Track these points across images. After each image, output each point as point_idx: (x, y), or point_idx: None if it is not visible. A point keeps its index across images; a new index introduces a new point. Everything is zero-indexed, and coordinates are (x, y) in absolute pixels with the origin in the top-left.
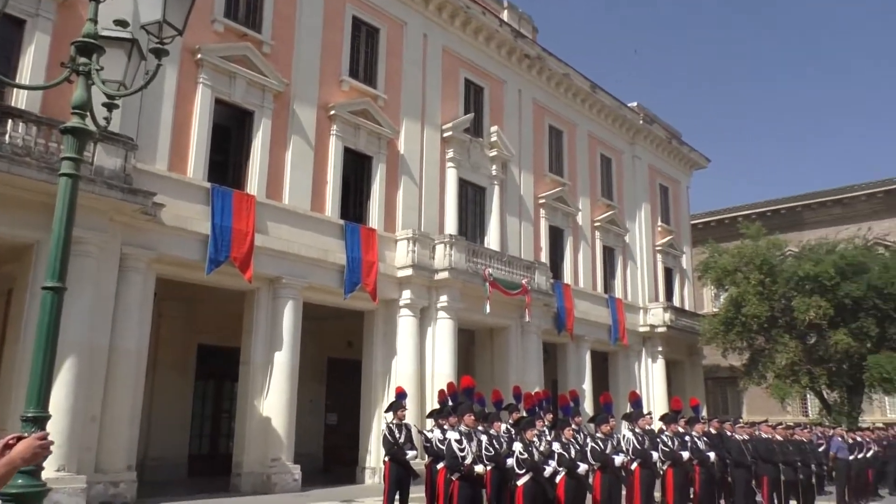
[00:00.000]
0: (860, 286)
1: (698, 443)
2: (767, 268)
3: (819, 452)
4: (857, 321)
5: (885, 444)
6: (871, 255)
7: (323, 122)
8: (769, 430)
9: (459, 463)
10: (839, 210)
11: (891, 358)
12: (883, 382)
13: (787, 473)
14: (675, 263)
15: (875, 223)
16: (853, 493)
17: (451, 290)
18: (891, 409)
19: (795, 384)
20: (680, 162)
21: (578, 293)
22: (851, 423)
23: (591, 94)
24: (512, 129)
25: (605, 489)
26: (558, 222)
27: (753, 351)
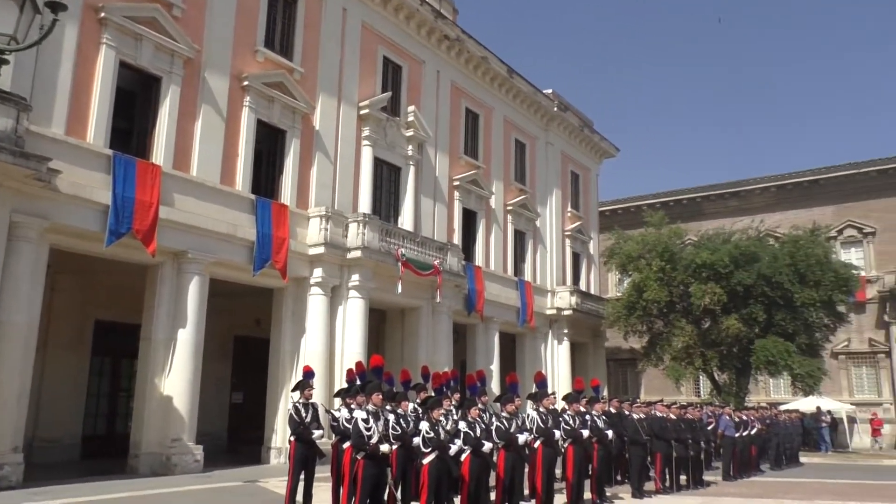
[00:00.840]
0: (751, 275)
1: (598, 421)
2: (668, 255)
3: (708, 430)
4: (748, 307)
5: (768, 423)
6: (762, 246)
7: (235, 93)
8: (664, 409)
9: (365, 442)
10: (736, 202)
11: (776, 342)
12: (768, 365)
13: (678, 450)
14: (582, 249)
15: (767, 216)
16: (737, 468)
17: (363, 270)
18: (774, 389)
19: (690, 366)
20: (591, 150)
21: (489, 275)
22: (738, 402)
23: (507, 79)
24: (429, 109)
25: (508, 467)
26: (472, 205)
27: (652, 334)
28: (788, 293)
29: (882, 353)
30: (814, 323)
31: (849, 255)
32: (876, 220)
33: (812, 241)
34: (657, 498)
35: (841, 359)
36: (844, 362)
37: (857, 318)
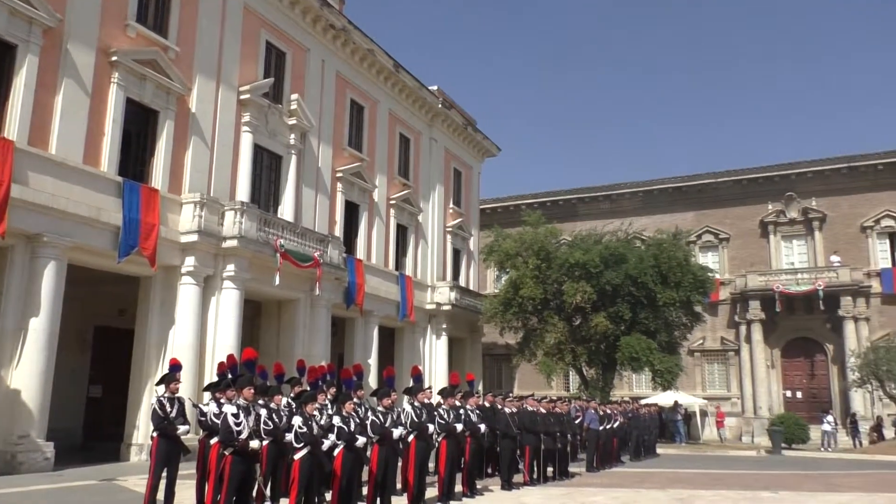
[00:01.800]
0: (619, 275)
1: (472, 416)
2: (544, 254)
3: (575, 424)
4: (615, 306)
5: (630, 416)
6: (629, 248)
7: (103, 68)
8: (534, 403)
9: (234, 437)
10: (608, 205)
11: (639, 340)
12: (632, 361)
13: (546, 443)
14: (463, 245)
15: (635, 219)
16: (600, 460)
17: (239, 260)
18: (636, 384)
19: (561, 361)
20: (474, 148)
21: (370, 269)
22: (604, 397)
23: (393, 73)
24: (313, 99)
25: (381, 461)
26: (354, 197)
27: (527, 330)
28: (652, 293)
29: (732, 350)
30: (673, 322)
31: (706, 259)
32: (730, 226)
33: (674, 245)
34: (525, 489)
35: (696, 356)
36: (699, 359)
37: (711, 318)
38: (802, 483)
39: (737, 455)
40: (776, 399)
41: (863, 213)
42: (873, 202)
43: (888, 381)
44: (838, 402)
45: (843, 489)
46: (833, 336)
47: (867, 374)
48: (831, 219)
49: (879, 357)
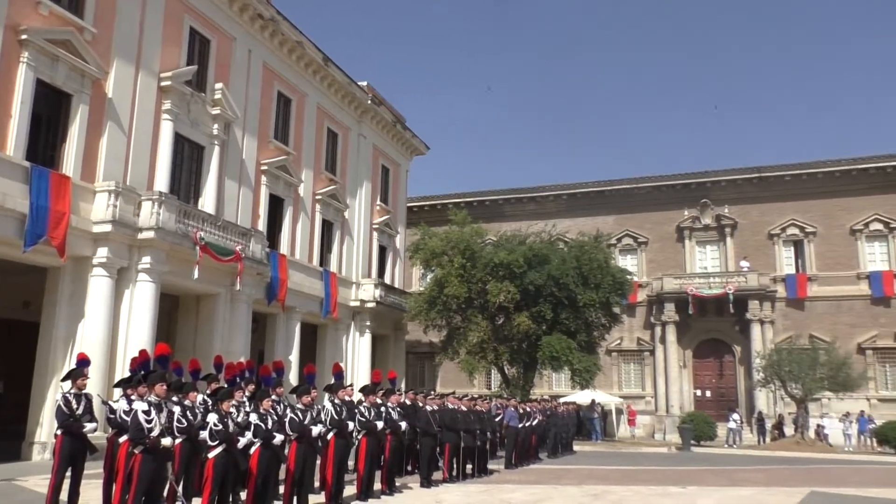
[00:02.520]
0: (542, 275)
1: (392, 413)
2: (469, 253)
3: (495, 421)
4: (537, 306)
5: (548, 414)
6: (552, 249)
7: (11, 46)
8: (455, 401)
9: (145, 435)
10: (533, 206)
11: (560, 339)
12: (552, 360)
13: (466, 440)
14: (389, 242)
15: (559, 221)
16: (519, 457)
17: (155, 252)
18: (556, 383)
19: (483, 360)
20: (402, 146)
21: (294, 264)
22: (524, 395)
23: (323, 67)
24: (238, 89)
25: (299, 459)
26: (279, 191)
27: (451, 329)
28: (573, 294)
29: (647, 351)
30: (593, 322)
31: (625, 262)
32: (649, 231)
33: (595, 247)
34: (444, 486)
35: (613, 355)
36: (616, 359)
37: (629, 320)
38: (709, 478)
39: (649, 452)
40: (687, 398)
41: (770, 221)
42: (780, 211)
43: (790, 381)
44: (744, 400)
45: (746, 484)
46: (741, 338)
47: (771, 374)
48: (742, 226)
49: (782, 359)
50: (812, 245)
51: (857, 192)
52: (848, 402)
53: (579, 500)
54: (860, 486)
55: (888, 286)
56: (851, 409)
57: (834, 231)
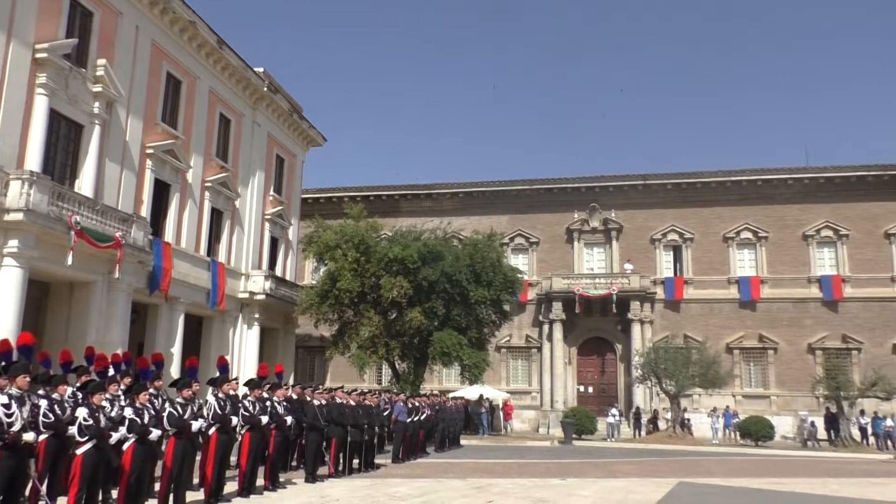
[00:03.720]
0: (436, 271)
1: (278, 408)
2: (364, 247)
3: (383, 416)
4: (430, 302)
5: (437, 409)
6: (447, 246)
7: None
8: (344, 395)
9: (4, 430)
10: (429, 203)
11: (451, 335)
12: (442, 356)
13: (354, 435)
14: (281, 234)
15: (454, 219)
16: (406, 451)
17: (24, 235)
18: (446, 378)
19: (374, 355)
20: (299, 136)
21: (179, 253)
22: (414, 390)
23: (216, 50)
24: (123, 67)
25: (177, 455)
26: (166, 176)
27: (342, 323)
28: (465, 291)
29: (535, 348)
30: (484, 319)
31: (517, 261)
32: (541, 231)
33: (488, 246)
34: (330, 482)
35: (502, 352)
36: (505, 355)
37: (519, 317)
38: (587, 470)
39: (533, 445)
40: (571, 393)
41: (653, 226)
42: (662, 217)
43: (665, 378)
44: (623, 396)
45: (621, 475)
46: (622, 337)
47: (648, 371)
48: (627, 230)
49: (659, 357)
50: (689, 250)
51: (731, 202)
52: (716, 398)
53: (464, 493)
54: (724, 477)
55: (755, 290)
56: (719, 405)
57: (709, 238)
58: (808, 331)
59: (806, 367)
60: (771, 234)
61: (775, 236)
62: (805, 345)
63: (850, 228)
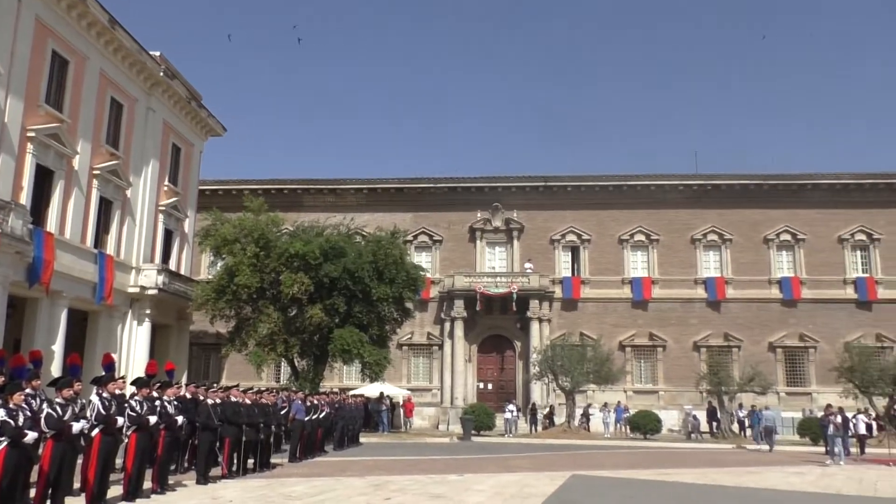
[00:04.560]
0: (338, 268)
1: (168, 407)
2: (264, 242)
3: (280, 414)
4: (331, 299)
5: (337, 407)
6: (350, 242)
7: None
8: (239, 394)
9: None
10: (332, 198)
11: (352, 332)
12: (343, 353)
13: (249, 434)
14: (176, 226)
15: (358, 215)
16: (304, 450)
17: None
18: (346, 376)
19: (272, 352)
20: (197, 125)
21: (63, 244)
22: (313, 388)
23: (108, 29)
24: (2, 42)
25: (56, 458)
26: (49, 162)
27: (240, 319)
28: (367, 288)
29: (437, 345)
30: (386, 316)
31: (420, 259)
32: (444, 230)
33: (392, 243)
34: (222, 483)
35: (404, 349)
36: (406, 352)
37: (421, 315)
38: (485, 465)
39: (432, 442)
40: (471, 390)
41: (553, 227)
42: (562, 219)
43: (561, 374)
44: (521, 393)
45: (517, 470)
46: (521, 335)
47: (545, 368)
48: (528, 230)
49: (556, 354)
50: (586, 251)
51: (626, 205)
52: (609, 393)
53: (362, 491)
54: (614, 469)
55: (647, 291)
56: (611, 401)
57: (605, 239)
58: (693, 329)
59: (691, 364)
60: (662, 237)
61: (666, 239)
62: (691, 343)
63: (733, 233)
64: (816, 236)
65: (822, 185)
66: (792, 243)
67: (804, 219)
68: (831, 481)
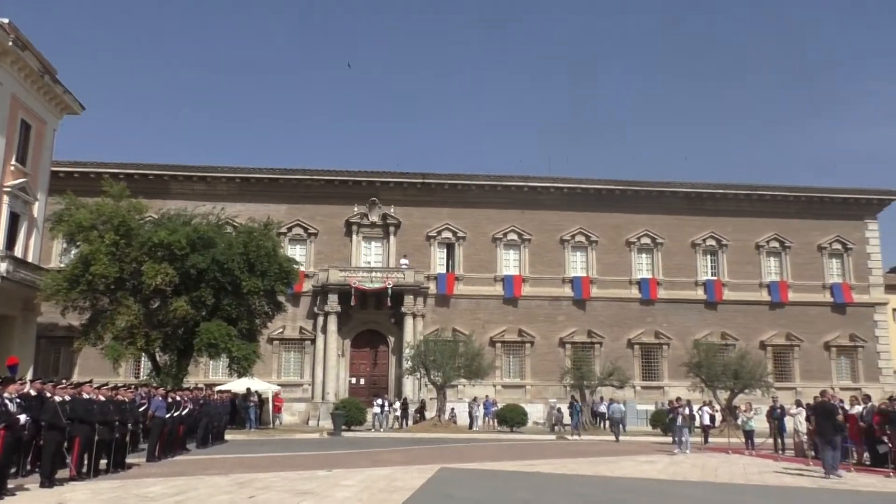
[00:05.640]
0: (206, 259)
1: (10, 405)
2: (125, 229)
3: (138, 412)
4: (198, 290)
5: (201, 403)
6: (220, 233)
7: None
8: (92, 390)
9: None
10: (203, 187)
11: (219, 326)
12: (209, 347)
13: (102, 433)
14: (24, 209)
15: (229, 204)
16: (163, 449)
17: None
18: (213, 371)
19: (132, 346)
20: (50, 101)
21: None
22: (177, 383)
23: None
24: None
25: None
26: None
27: (95, 311)
28: (237, 280)
29: (309, 340)
30: (256, 310)
31: (294, 251)
32: (320, 223)
33: (264, 235)
34: (70, 485)
35: (275, 344)
36: (277, 347)
37: (293, 309)
38: (354, 460)
39: (302, 438)
40: (343, 385)
41: (429, 224)
42: (438, 216)
43: (433, 369)
44: (394, 387)
45: (387, 464)
46: (395, 329)
47: (417, 363)
48: (405, 226)
49: (428, 349)
50: (461, 248)
51: (500, 205)
52: (479, 388)
53: (225, 490)
54: (481, 461)
55: (517, 288)
56: (480, 395)
57: (479, 237)
58: (560, 326)
59: (557, 360)
60: (533, 237)
61: (537, 239)
62: (557, 339)
63: (599, 236)
64: (673, 241)
65: (679, 193)
66: (651, 246)
67: (662, 224)
68: (678, 469)
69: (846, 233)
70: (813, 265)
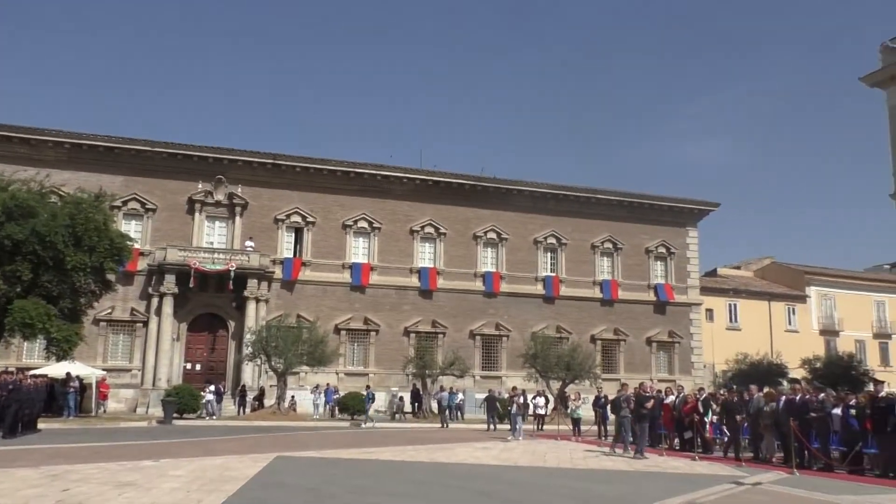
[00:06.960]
0: (24, 230)
1: None
2: None
3: None
4: (13, 264)
5: (11, 388)
6: (42, 202)
7: None
8: None
9: None
10: (25, 150)
11: (36, 304)
12: (24, 327)
13: None
14: None
15: (56, 172)
16: None
17: None
18: (27, 353)
19: None
20: None
21: None
22: None
23: None
24: None
25: None
26: None
27: None
28: (61, 255)
29: (141, 322)
30: (81, 288)
31: (129, 227)
32: (159, 198)
33: (95, 207)
34: None
35: (102, 325)
36: (104, 329)
37: (124, 288)
38: (185, 450)
39: (128, 426)
40: (177, 371)
41: (278, 206)
42: (288, 199)
43: (275, 356)
44: (232, 374)
45: (220, 453)
46: (237, 314)
47: (258, 349)
48: (252, 207)
49: (270, 335)
50: (310, 234)
51: (351, 192)
52: (321, 375)
53: (33, 483)
54: (319, 449)
55: (365, 276)
56: (323, 382)
57: (329, 224)
58: (405, 315)
59: (401, 348)
60: (384, 226)
61: (387, 228)
62: (402, 328)
63: (448, 228)
64: (517, 237)
65: (525, 192)
66: (496, 241)
67: (507, 220)
68: (511, 454)
69: (670, 238)
70: (640, 266)
